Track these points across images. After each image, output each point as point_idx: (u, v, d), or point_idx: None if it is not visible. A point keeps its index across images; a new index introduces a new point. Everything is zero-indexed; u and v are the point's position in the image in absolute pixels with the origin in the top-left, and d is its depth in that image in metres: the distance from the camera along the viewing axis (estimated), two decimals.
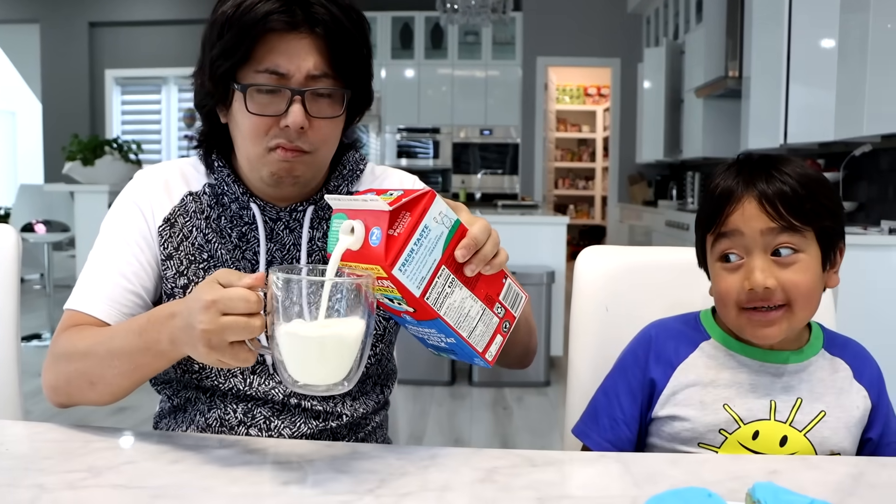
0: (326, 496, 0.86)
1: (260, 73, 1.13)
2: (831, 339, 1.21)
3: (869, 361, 1.20)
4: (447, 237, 0.93)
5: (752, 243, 1.09)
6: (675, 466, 1.00)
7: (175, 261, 1.23)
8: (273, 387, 1.20)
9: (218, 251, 1.23)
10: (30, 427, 1.11)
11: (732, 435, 1.12)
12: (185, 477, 0.91)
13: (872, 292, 3.48)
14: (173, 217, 1.25)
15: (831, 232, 1.11)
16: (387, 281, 0.89)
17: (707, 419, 1.13)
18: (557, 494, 0.90)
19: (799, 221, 1.08)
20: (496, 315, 0.99)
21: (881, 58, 3.76)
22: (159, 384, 1.30)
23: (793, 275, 1.08)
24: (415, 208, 0.91)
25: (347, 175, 1.31)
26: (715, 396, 1.14)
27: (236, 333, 0.89)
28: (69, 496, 0.84)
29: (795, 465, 1.02)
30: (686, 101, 7.09)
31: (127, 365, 1.05)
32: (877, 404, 1.17)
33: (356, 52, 1.16)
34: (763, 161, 1.13)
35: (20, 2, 9.47)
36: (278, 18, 1.11)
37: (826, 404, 1.13)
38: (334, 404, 1.24)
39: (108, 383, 1.08)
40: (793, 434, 1.12)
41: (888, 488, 0.95)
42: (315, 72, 1.13)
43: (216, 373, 1.20)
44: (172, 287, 1.22)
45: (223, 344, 0.90)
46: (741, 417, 1.12)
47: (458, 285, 0.94)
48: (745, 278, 1.10)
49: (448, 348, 1.00)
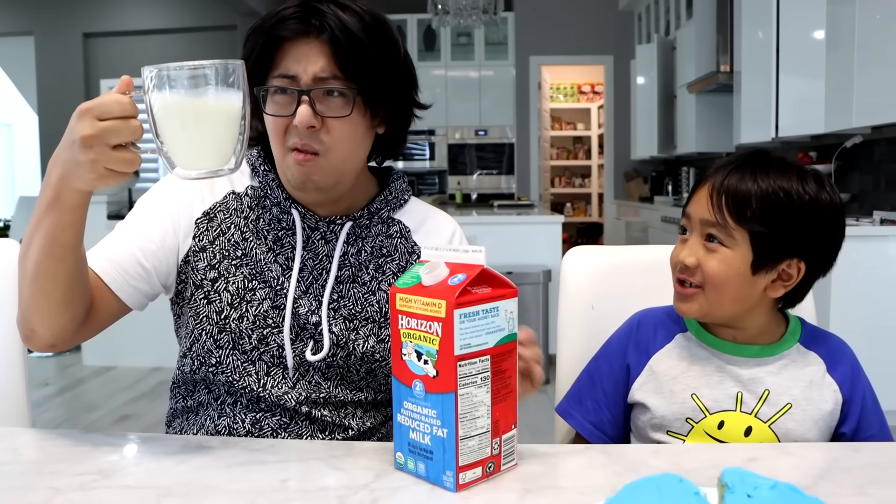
0: (323, 491, 0.91)
1: (275, 77, 1.21)
2: (810, 334, 1.26)
3: (845, 357, 1.25)
4: (505, 337, 0.95)
5: (693, 226, 1.19)
6: (657, 457, 1.05)
7: (208, 253, 1.27)
8: (285, 392, 1.24)
9: (252, 250, 1.28)
10: (40, 434, 1.15)
11: (698, 424, 1.18)
12: (189, 477, 0.96)
13: (866, 281, 3.54)
14: (213, 212, 1.30)
15: (769, 241, 1.14)
16: (437, 324, 0.90)
17: (675, 408, 1.19)
18: (544, 485, 0.94)
19: (729, 219, 1.14)
20: (491, 447, 0.95)
21: (868, 49, 3.80)
22: (175, 381, 1.35)
23: (712, 261, 1.16)
24: (498, 288, 0.95)
25: (392, 201, 1.36)
26: (684, 386, 1.20)
27: (117, 135, 0.92)
28: (81, 497, 0.89)
29: (772, 452, 1.07)
30: (679, 96, 7.14)
31: (40, 238, 1.05)
32: (849, 399, 1.21)
33: (365, 56, 1.20)
34: (748, 158, 1.18)
35: (15, 14, 9.52)
36: (290, 26, 1.19)
37: (793, 397, 1.18)
38: (343, 416, 1.28)
39: (34, 265, 1.07)
40: (757, 425, 1.17)
41: (860, 470, 1.00)
42: (322, 74, 1.19)
43: (231, 368, 1.24)
44: (202, 279, 1.27)
45: (106, 149, 0.93)
46: (707, 407, 1.18)
47: (486, 387, 0.93)
48: (678, 252, 1.20)
49: (427, 448, 0.94)
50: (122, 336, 1.35)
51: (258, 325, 1.25)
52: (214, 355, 1.25)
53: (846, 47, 4.00)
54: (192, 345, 1.27)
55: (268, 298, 1.26)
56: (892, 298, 3.52)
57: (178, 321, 1.34)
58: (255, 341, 1.24)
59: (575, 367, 1.36)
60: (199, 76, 0.92)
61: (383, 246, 1.33)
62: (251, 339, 1.24)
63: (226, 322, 1.25)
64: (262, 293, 1.26)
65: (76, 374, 5.09)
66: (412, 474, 0.96)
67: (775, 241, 1.14)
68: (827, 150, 4.77)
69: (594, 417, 1.26)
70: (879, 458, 1.06)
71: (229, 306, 1.25)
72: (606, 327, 1.33)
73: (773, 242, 1.14)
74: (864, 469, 1.01)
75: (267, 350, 1.25)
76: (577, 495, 0.88)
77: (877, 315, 3.52)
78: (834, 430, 1.22)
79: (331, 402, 1.27)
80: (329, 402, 1.27)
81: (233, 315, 1.25)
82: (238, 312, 1.25)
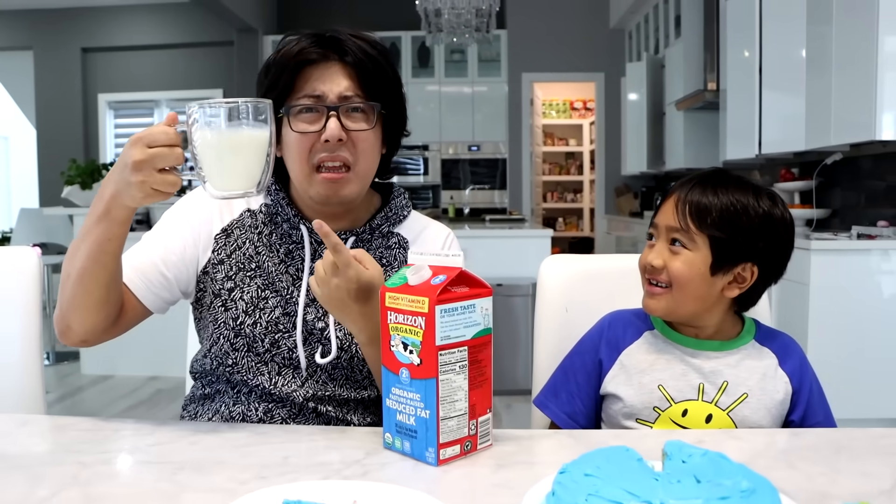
0: (321, 465, 1.04)
1: (300, 98, 1.35)
2: (764, 333, 1.39)
3: (794, 352, 1.38)
4: (481, 330, 1.08)
5: (660, 233, 1.34)
6: (618, 439, 1.16)
7: (226, 266, 1.41)
8: (295, 389, 1.37)
9: (265, 262, 1.41)
10: (64, 420, 1.27)
11: (665, 412, 1.31)
12: (201, 455, 1.09)
13: (843, 293, 3.64)
14: (230, 228, 1.44)
15: (726, 245, 1.29)
16: (421, 318, 1.03)
17: (643, 397, 1.32)
18: (515, 462, 1.07)
19: (692, 225, 1.29)
20: (468, 427, 1.07)
21: (845, 69, 3.90)
22: (195, 373, 1.48)
23: (676, 262, 1.31)
24: (475, 287, 1.08)
25: (392, 217, 1.49)
26: (651, 378, 1.33)
27: (163, 160, 1.09)
28: (107, 469, 1.02)
29: (721, 436, 1.20)
30: (668, 113, 7.25)
31: (89, 245, 1.21)
32: (798, 390, 1.35)
33: (383, 76, 1.38)
34: (710, 175, 1.34)
35: (14, 29, 9.65)
36: (312, 51, 1.34)
37: (749, 388, 1.32)
38: (346, 412, 1.40)
39: (80, 268, 1.23)
40: (717, 413, 1.30)
41: (795, 450, 1.14)
42: (347, 93, 1.34)
43: (246, 368, 1.37)
44: (220, 288, 1.40)
45: (153, 172, 1.09)
46: (672, 397, 1.31)
47: (464, 374, 1.06)
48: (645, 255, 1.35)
49: (412, 428, 1.06)
50: (120, 345, 1.48)
51: (270, 330, 1.38)
52: (231, 357, 1.38)
53: (825, 66, 4.10)
54: (212, 347, 1.41)
55: (279, 306, 1.39)
56: (868, 310, 3.63)
57: (199, 324, 1.48)
58: (268, 345, 1.37)
59: (551, 364, 1.48)
60: (234, 114, 1.08)
61: (383, 257, 1.45)
62: (264, 342, 1.37)
63: (241, 327, 1.38)
64: (274, 301, 1.39)
65: (75, 382, 5.19)
66: (399, 452, 1.08)
67: (731, 246, 1.29)
68: (809, 167, 4.88)
69: (568, 408, 1.39)
70: (815, 441, 1.19)
71: (244, 313, 1.38)
72: (579, 329, 1.45)
73: (729, 247, 1.29)
74: (798, 449, 1.14)
75: (278, 353, 1.37)
76: (543, 468, 1.00)
77: (853, 326, 3.63)
78: (785, 419, 1.35)
79: (335, 400, 1.39)
80: (334, 399, 1.39)
81: (247, 321, 1.38)
82: (252, 319, 1.38)
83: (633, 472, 0.82)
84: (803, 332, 3.62)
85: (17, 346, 1.52)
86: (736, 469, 0.82)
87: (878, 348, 3.60)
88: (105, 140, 9.77)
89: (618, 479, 0.79)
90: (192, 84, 9.54)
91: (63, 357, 5.71)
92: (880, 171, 4.30)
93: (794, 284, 3.71)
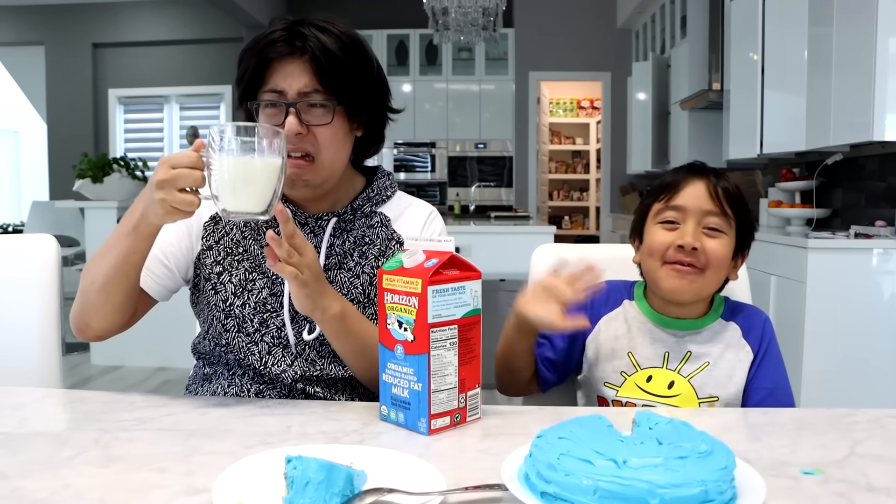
0: (321, 434, 1.13)
1: (265, 92, 1.43)
2: (731, 308, 1.50)
3: (758, 324, 1.48)
4: (470, 311, 1.17)
5: (689, 216, 1.40)
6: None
7: (214, 251, 1.50)
8: (284, 369, 1.45)
9: (251, 247, 1.50)
10: (83, 393, 1.37)
11: (631, 377, 1.43)
12: (211, 424, 1.18)
13: (840, 291, 3.69)
14: (218, 216, 1.52)
15: (747, 228, 1.43)
16: (415, 298, 1.12)
17: (614, 363, 1.44)
18: (500, 433, 1.15)
19: (730, 210, 1.40)
20: (458, 400, 1.16)
21: (845, 70, 3.94)
22: (196, 353, 1.57)
23: (715, 245, 1.40)
24: (465, 271, 1.17)
25: (374, 197, 1.57)
26: (623, 345, 1.45)
27: (183, 181, 1.16)
28: (125, 435, 1.11)
29: (692, 414, 1.29)
30: (673, 113, 7.30)
31: (115, 256, 1.30)
32: (756, 354, 1.44)
33: (342, 72, 1.43)
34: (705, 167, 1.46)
35: (25, 24, 9.73)
36: (277, 48, 1.40)
37: (711, 357, 1.42)
38: (334, 392, 1.49)
39: (104, 276, 1.32)
40: (679, 379, 1.41)
41: (761, 426, 1.23)
42: (305, 89, 1.41)
43: (237, 348, 1.46)
44: (210, 273, 1.49)
45: (173, 191, 1.17)
46: (639, 363, 1.43)
47: (454, 351, 1.15)
48: (677, 238, 1.40)
49: (405, 400, 1.15)
50: (128, 337, 1.56)
51: (258, 310, 1.46)
52: (224, 337, 1.47)
53: (825, 67, 4.15)
54: (208, 329, 1.50)
55: (266, 287, 1.47)
56: (864, 309, 3.68)
57: (195, 307, 1.57)
58: (257, 324, 1.46)
59: None
60: (249, 144, 1.15)
61: (365, 235, 1.53)
62: (253, 322, 1.46)
63: (231, 309, 1.47)
64: (261, 283, 1.48)
65: (84, 372, 5.30)
66: (393, 423, 1.17)
67: (749, 230, 1.44)
68: (811, 167, 4.91)
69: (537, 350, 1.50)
70: (782, 419, 1.27)
71: (233, 295, 1.47)
72: None
73: (748, 231, 1.43)
74: (765, 426, 1.23)
75: (268, 332, 1.46)
76: (525, 438, 1.08)
77: (849, 324, 3.68)
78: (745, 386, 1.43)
79: (324, 380, 1.47)
80: (322, 380, 1.47)
81: (237, 302, 1.47)
82: (241, 300, 1.47)
83: (602, 435, 0.90)
84: (800, 329, 3.68)
85: (36, 329, 1.62)
86: (697, 435, 0.90)
87: (874, 346, 3.66)
88: (115, 135, 9.84)
89: (588, 442, 0.87)
90: (201, 80, 9.63)
91: (73, 348, 5.81)
92: (880, 171, 4.34)
93: (792, 282, 3.77)
